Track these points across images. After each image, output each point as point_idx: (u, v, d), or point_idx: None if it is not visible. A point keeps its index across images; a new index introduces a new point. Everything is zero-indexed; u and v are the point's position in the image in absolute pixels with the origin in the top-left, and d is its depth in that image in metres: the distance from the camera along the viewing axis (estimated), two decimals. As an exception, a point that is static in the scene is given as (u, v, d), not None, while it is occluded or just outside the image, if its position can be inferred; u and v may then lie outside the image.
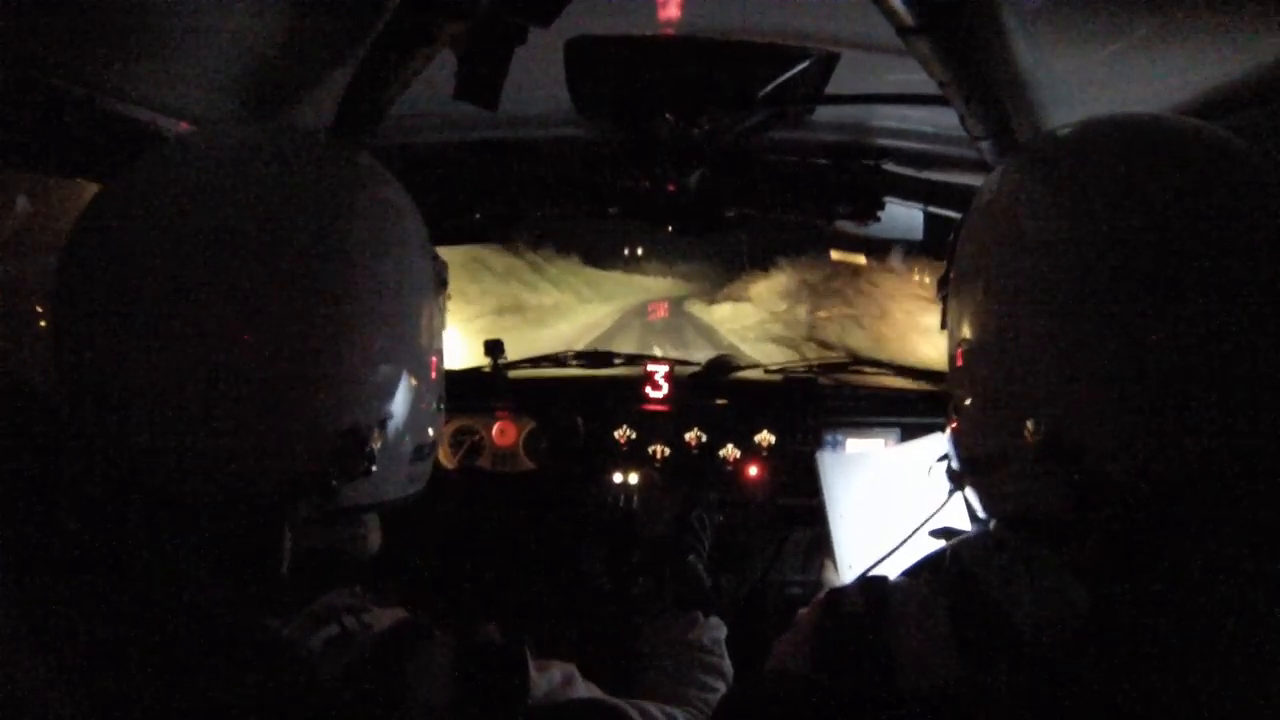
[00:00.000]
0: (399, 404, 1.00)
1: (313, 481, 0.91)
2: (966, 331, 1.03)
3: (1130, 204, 0.86)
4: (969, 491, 1.09)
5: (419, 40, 1.19)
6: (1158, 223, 0.84)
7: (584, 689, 1.07)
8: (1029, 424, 0.90)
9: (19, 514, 0.81)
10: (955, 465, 1.11)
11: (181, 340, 0.84)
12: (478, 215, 2.34)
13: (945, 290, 1.11)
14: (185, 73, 1.26)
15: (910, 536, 1.26)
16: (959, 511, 1.19)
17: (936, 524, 1.20)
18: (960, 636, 0.92)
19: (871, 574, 1.12)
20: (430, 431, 1.09)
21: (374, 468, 0.95)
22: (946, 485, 1.15)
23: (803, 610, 1.10)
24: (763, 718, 1.01)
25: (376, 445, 0.95)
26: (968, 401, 1.04)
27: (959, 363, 1.05)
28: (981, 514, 1.08)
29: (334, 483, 0.92)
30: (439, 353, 1.12)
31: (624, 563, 2.32)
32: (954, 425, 1.08)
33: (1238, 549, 0.85)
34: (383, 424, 0.97)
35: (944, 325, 1.12)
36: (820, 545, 1.98)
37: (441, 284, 1.13)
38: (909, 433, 2.42)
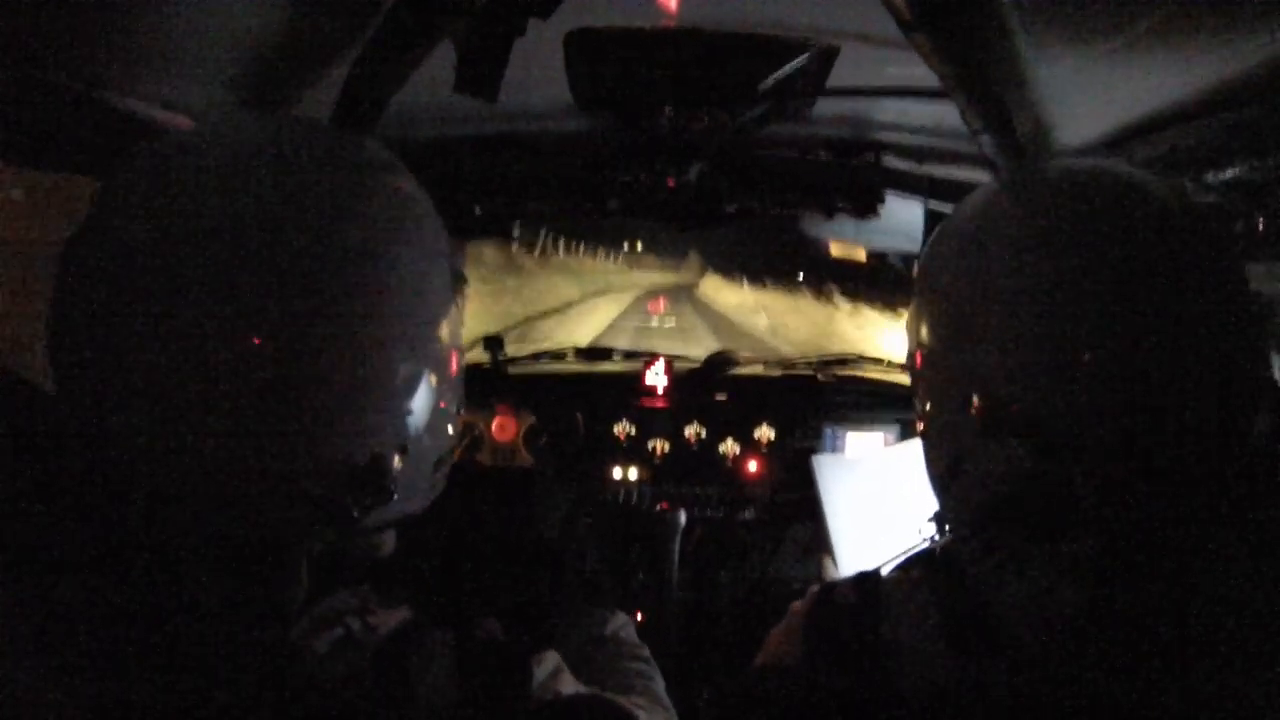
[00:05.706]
0: (420, 421, 0.92)
1: (331, 511, 0.85)
2: (924, 334, 1.04)
3: (1091, 233, 0.91)
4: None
5: (418, 33, 1.19)
6: (1116, 246, 0.89)
7: (571, 681, 1.07)
8: (974, 398, 0.92)
9: (19, 514, 0.81)
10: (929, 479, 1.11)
11: (183, 342, 0.80)
12: (477, 210, 2.34)
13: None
14: (185, 68, 1.26)
15: (913, 548, 1.26)
16: None
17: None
18: (950, 634, 0.92)
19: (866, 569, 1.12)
20: (450, 438, 1.03)
21: (396, 495, 0.89)
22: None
23: (796, 603, 1.11)
24: (756, 714, 1.01)
25: (398, 468, 0.89)
26: (927, 405, 1.05)
27: (917, 365, 1.06)
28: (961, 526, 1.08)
29: (355, 513, 0.86)
30: (460, 351, 1.05)
31: (625, 560, 2.33)
32: (921, 431, 1.09)
33: (1224, 543, 0.86)
34: (404, 449, 0.90)
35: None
36: (820, 541, 1.98)
37: (460, 279, 1.05)
38: (909, 428, 2.42)
